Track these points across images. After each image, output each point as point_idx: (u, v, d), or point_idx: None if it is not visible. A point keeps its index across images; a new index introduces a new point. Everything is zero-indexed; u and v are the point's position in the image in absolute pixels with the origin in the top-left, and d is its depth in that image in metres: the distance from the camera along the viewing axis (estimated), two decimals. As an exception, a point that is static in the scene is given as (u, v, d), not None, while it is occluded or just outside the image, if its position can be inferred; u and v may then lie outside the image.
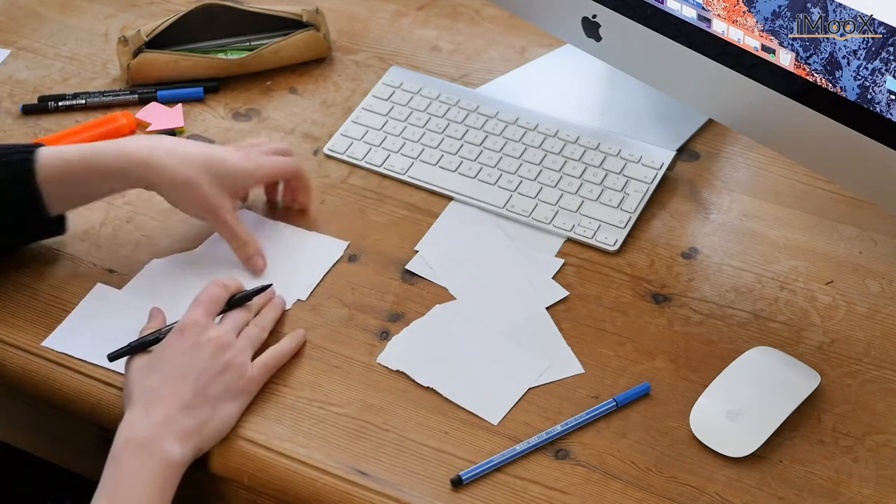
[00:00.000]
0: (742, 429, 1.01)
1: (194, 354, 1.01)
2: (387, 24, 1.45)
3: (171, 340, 1.03)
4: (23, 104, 1.33)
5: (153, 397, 0.99)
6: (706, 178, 1.25)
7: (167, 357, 1.01)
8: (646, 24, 1.18)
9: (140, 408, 0.98)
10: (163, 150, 1.10)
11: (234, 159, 1.14)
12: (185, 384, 0.99)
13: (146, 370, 1.01)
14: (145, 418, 0.98)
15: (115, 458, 0.96)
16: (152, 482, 0.95)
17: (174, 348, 1.02)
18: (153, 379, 1.00)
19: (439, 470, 0.99)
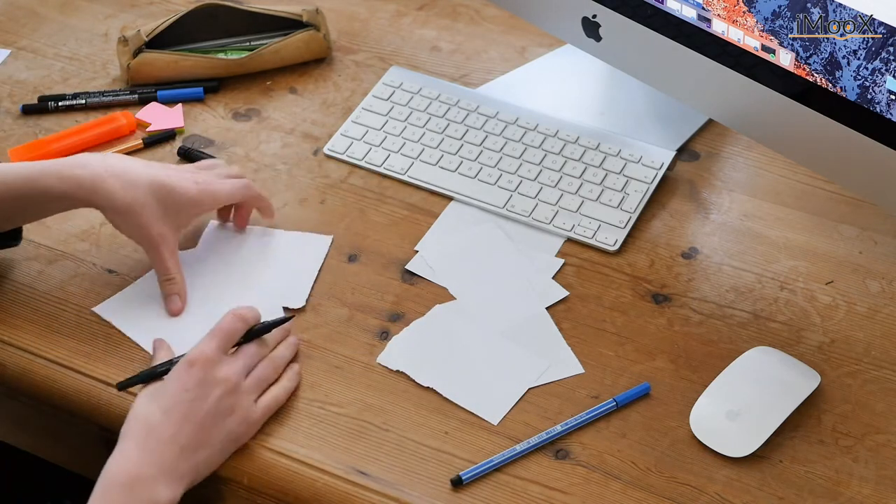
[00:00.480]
0: (742, 429, 1.01)
1: (200, 392, 0.97)
2: (387, 24, 1.45)
3: (178, 372, 0.99)
4: (23, 104, 1.33)
5: (151, 434, 0.95)
6: (706, 178, 1.25)
7: (171, 391, 0.98)
8: (646, 24, 1.18)
9: (135, 443, 0.95)
10: (109, 173, 1.07)
11: (183, 186, 1.10)
12: (187, 425, 0.96)
13: (148, 399, 0.98)
14: (139, 455, 0.94)
15: (104, 491, 0.93)
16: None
17: (181, 383, 0.98)
18: (154, 412, 0.96)
19: (439, 470, 0.99)
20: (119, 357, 1.08)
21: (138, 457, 0.94)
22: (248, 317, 1.03)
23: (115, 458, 0.95)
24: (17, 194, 1.07)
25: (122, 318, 1.10)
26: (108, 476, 0.94)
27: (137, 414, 0.97)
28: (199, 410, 0.97)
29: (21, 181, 1.07)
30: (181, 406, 0.97)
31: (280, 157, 1.28)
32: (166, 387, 0.98)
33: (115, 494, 0.93)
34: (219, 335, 1.01)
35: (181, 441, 0.96)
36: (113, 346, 1.09)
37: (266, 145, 1.30)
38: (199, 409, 0.97)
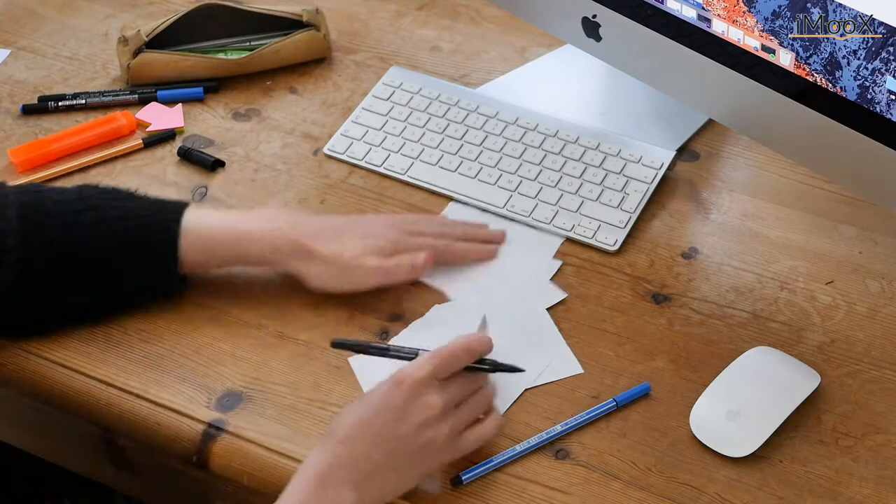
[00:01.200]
0: (742, 429, 1.01)
1: (402, 414, 0.94)
2: (387, 24, 1.45)
3: (386, 386, 0.95)
4: (23, 104, 1.33)
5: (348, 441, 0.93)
6: (706, 178, 1.25)
7: (374, 403, 0.95)
8: (646, 24, 1.18)
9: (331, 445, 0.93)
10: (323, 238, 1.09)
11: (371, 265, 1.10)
12: (382, 443, 0.93)
13: (357, 404, 0.96)
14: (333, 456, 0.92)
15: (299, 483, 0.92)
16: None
17: (385, 399, 0.94)
18: (354, 419, 0.94)
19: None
20: (119, 357, 1.08)
21: (332, 463, 0.92)
22: (476, 350, 0.99)
23: (313, 458, 0.93)
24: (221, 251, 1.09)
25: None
26: (303, 474, 0.93)
27: (341, 420, 0.95)
28: (395, 432, 0.94)
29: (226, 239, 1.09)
30: (378, 422, 0.94)
31: (280, 157, 1.28)
32: (372, 399, 0.95)
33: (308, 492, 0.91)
34: (438, 360, 0.96)
35: (375, 458, 0.93)
36: (113, 346, 1.09)
37: (266, 145, 1.30)
38: (397, 431, 0.94)
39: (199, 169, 1.26)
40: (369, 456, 0.93)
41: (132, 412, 1.05)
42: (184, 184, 1.25)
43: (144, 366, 1.07)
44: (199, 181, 1.25)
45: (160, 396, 1.05)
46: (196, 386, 1.06)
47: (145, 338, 1.10)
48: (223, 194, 1.24)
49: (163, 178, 1.26)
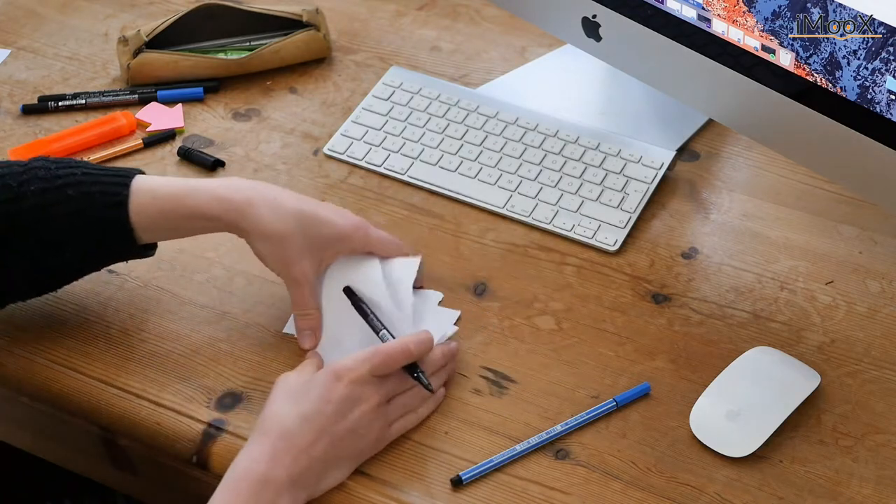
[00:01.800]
0: (742, 429, 1.01)
1: (342, 408, 0.95)
2: (387, 24, 1.45)
3: (323, 381, 0.96)
4: (23, 104, 1.33)
5: (286, 438, 0.93)
6: (706, 178, 1.25)
7: (313, 398, 0.95)
8: (646, 24, 1.18)
9: (270, 445, 0.93)
10: (260, 197, 1.04)
11: (337, 222, 1.07)
12: (324, 438, 0.95)
13: (288, 400, 0.96)
14: (273, 457, 0.93)
15: (235, 484, 0.92)
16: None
17: (325, 393, 0.95)
18: (293, 416, 0.95)
19: (439, 470, 0.99)
20: (119, 357, 1.08)
21: (271, 458, 0.93)
22: (412, 353, 1.00)
23: (249, 453, 0.94)
24: (166, 209, 1.04)
25: None
26: (239, 470, 0.93)
27: (276, 413, 0.95)
28: (336, 427, 0.95)
29: (171, 197, 1.04)
30: (320, 418, 0.95)
31: (280, 157, 1.28)
32: (309, 392, 0.96)
33: (244, 491, 0.91)
34: (377, 359, 0.98)
35: (314, 454, 0.94)
36: (113, 346, 1.09)
37: (266, 145, 1.30)
38: (338, 425, 0.95)
39: (199, 169, 1.26)
40: (308, 451, 0.94)
41: (132, 412, 1.05)
42: (184, 184, 1.25)
43: (144, 366, 1.07)
44: (199, 181, 1.25)
45: (160, 396, 1.05)
46: (196, 386, 1.06)
47: (145, 338, 1.10)
48: (223, 194, 1.23)
49: (163, 178, 1.26)
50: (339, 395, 0.96)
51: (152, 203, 1.04)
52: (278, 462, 0.93)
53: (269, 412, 0.96)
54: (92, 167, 1.06)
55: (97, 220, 1.03)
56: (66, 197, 1.03)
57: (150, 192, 1.04)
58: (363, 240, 1.08)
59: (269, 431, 0.94)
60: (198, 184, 1.06)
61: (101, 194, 1.03)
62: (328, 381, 0.96)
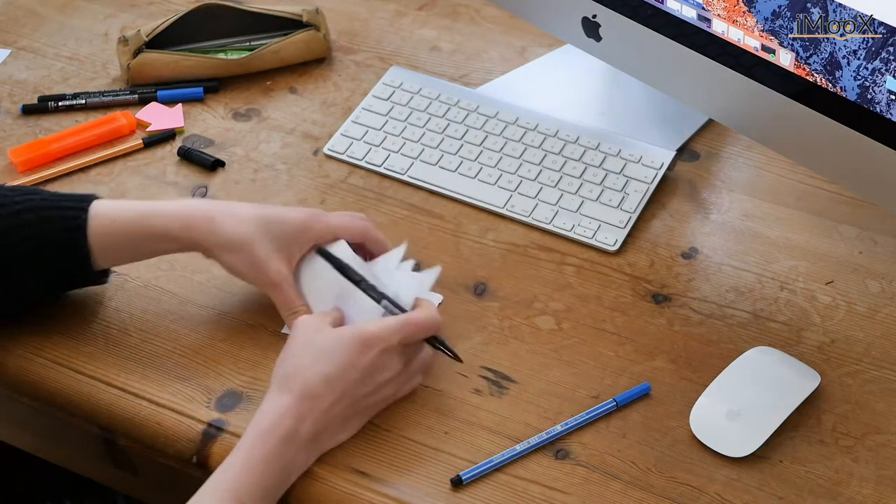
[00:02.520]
0: (742, 429, 1.01)
1: (367, 376, 0.98)
2: (387, 24, 1.45)
3: (351, 346, 0.98)
4: (23, 104, 1.33)
5: (310, 398, 0.96)
6: (706, 178, 1.25)
7: (339, 362, 0.97)
8: (646, 24, 1.18)
9: (295, 401, 0.96)
10: (218, 211, 1.06)
11: (293, 216, 1.08)
12: (344, 401, 0.97)
13: (314, 358, 0.97)
14: (298, 414, 0.95)
15: (263, 436, 0.94)
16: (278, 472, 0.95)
17: (351, 358, 0.97)
18: (318, 377, 0.96)
19: (439, 470, 0.99)
20: (119, 357, 1.08)
21: (297, 417, 0.95)
22: (440, 324, 1.02)
23: (275, 408, 0.96)
24: (127, 231, 1.05)
25: None
26: (265, 424, 0.95)
27: (300, 370, 0.97)
28: (359, 392, 0.98)
29: (131, 219, 1.05)
30: (345, 383, 0.97)
31: (280, 157, 1.28)
32: (334, 355, 0.97)
33: (270, 445, 0.94)
34: (407, 330, 1.00)
35: (334, 414, 0.97)
36: (113, 346, 1.09)
37: (266, 145, 1.30)
38: (360, 391, 0.98)
39: (199, 169, 1.26)
40: (329, 412, 0.97)
41: (132, 412, 1.05)
42: (184, 184, 1.25)
43: (144, 366, 1.07)
44: (199, 181, 1.25)
45: (160, 396, 1.05)
46: (196, 386, 1.06)
47: (145, 338, 1.10)
48: (223, 194, 1.24)
49: (163, 178, 1.26)
50: (366, 363, 0.98)
51: (111, 225, 1.05)
52: (303, 421, 0.95)
53: (292, 367, 0.98)
54: (50, 194, 1.07)
55: (55, 244, 1.04)
56: (24, 222, 1.04)
57: (108, 216, 1.05)
58: (323, 225, 1.09)
59: (294, 389, 0.96)
60: (157, 205, 1.07)
61: (60, 219, 1.04)
62: (356, 347, 0.98)
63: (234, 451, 0.95)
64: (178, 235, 1.05)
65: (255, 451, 0.94)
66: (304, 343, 0.99)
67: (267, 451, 0.94)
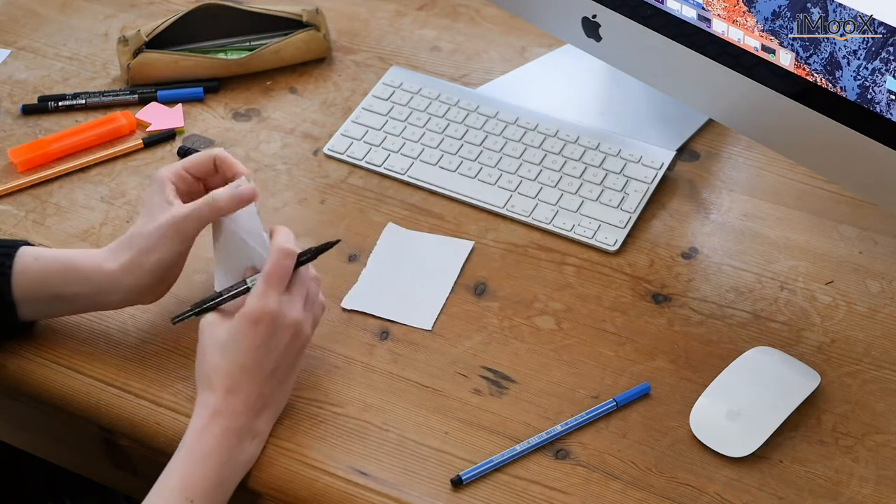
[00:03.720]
0: (742, 429, 1.01)
1: (273, 344, 0.98)
2: (387, 24, 1.45)
3: (245, 330, 0.98)
4: (23, 104, 1.33)
5: (235, 394, 0.97)
6: (706, 178, 1.25)
7: (244, 349, 0.98)
8: (646, 24, 1.18)
9: (222, 398, 0.97)
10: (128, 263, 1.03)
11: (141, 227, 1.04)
12: (268, 378, 0.98)
13: (221, 355, 0.98)
14: (229, 409, 0.96)
15: (198, 435, 0.95)
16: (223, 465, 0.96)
17: (251, 340, 0.98)
18: (232, 369, 0.97)
19: (439, 470, 0.99)
20: (119, 357, 1.08)
21: (229, 410, 0.96)
22: (292, 250, 1.01)
23: (204, 407, 0.97)
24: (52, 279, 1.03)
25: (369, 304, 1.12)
26: (201, 422, 0.96)
27: (215, 368, 0.98)
28: (273, 364, 0.99)
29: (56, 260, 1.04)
30: (256, 364, 0.98)
31: (280, 157, 1.28)
32: (236, 342, 0.98)
33: (211, 439, 0.95)
34: (274, 281, 0.99)
35: (264, 391, 0.98)
36: (113, 347, 1.09)
37: (266, 145, 1.30)
38: (274, 362, 0.99)
39: (199, 169, 1.26)
40: (259, 393, 0.98)
41: (132, 412, 1.05)
42: (184, 184, 1.25)
43: (144, 366, 1.07)
44: (199, 181, 1.25)
45: (160, 396, 1.05)
46: (196, 386, 1.06)
47: (145, 338, 1.10)
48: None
49: (163, 178, 1.26)
50: (264, 336, 0.98)
51: (35, 265, 1.03)
52: (235, 414, 0.97)
53: (207, 366, 0.98)
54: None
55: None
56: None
57: (33, 257, 1.03)
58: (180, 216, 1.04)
59: (216, 386, 0.97)
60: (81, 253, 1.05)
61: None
62: (248, 328, 0.98)
63: (175, 453, 0.96)
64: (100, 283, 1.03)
65: (196, 448, 0.95)
66: (210, 340, 0.99)
67: (208, 447, 0.95)
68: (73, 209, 1.21)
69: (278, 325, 0.99)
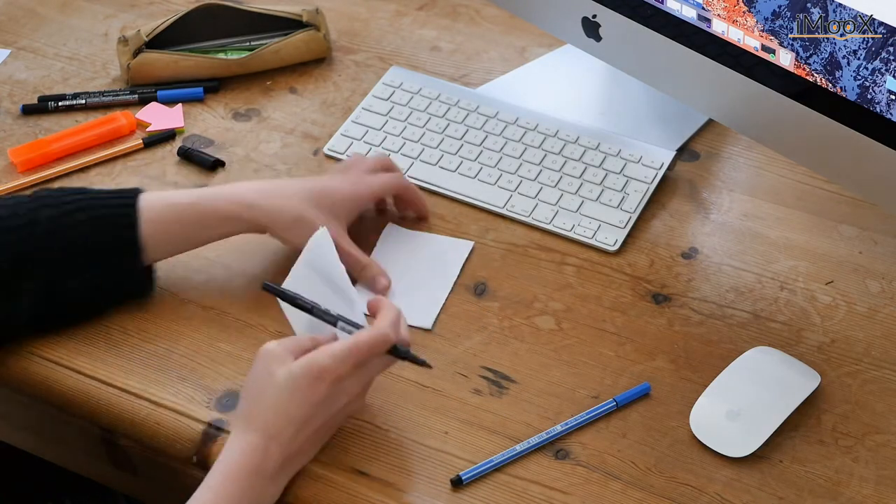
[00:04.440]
0: (742, 429, 1.01)
1: (326, 406, 0.97)
2: (387, 24, 1.45)
3: (304, 383, 0.95)
4: (23, 104, 1.33)
5: (275, 440, 0.95)
6: (706, 178, 1.25)
7: (299, 403, 0.96)
8: (646, 24, 1.18)
9: (261, 443, 0.95)
10: (268, 192, 1.10)
11: (339, 186, 1.14)
12: (306, 431, 0.96)
13: (274, 397, 0.96)
14: (263, 454, 0.95)
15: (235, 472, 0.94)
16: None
17: (310, 396, 0.96)
18: (279, 416, 0.95)
19: (439, 470, 0.99)
20: (119, 357, 1.08)
21: (263, 454, 0.95)
22: (392, 340, 0.98)
23: (241, 446, 0.95)
24: (182, 217, 1.08)
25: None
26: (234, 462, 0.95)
27: (263, 410, 0.96)
28: (319, 421, 0.97)
29: (185, 205, 1.08)
30: (303, 415, 0.96)
31: (280, 157, 1.28)
32: (290, 391, 0.95)
33: (242, 480, 0.94)
34: (356, 355, 0.97)
35: (299, 444, 0.97)
36: (113, 346, 1.09)
37: (266, 145, 1.30)
38: (320, 419, 0.97)
39: (199, 169, 1.26)
40: (296, 445, 0.96)
41: (132, 412, 1.05)
42: (184, 184, 1.25)
43: (144, 366, 1.07)
44: (199, 181, 1.25)
45: (160, 396, 1.05)
46: (196, 386, 1.06)
47: (145, 338, 1.10)
48: (223, 194, 1.23)
49: (163, 178, 1.26)
50: (320, 397, 0.96)
51: (166, 212, 1.08)
52: (269, 458, 0.95)
53: (254, 405, 0.97)
54: (95, 191, 1.09)
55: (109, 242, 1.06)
56: (77, 221, 1.06)
57: (160, 204, 1.08)
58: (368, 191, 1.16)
59: (259, 428, 0.95)
60: (204, 191, 1.12)
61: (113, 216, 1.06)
62: (309, 382, 0.96)
63: (201, 489, 0.94)
64: (234, 216, 1.09)
65: (225, 489, 0.94)
66: (264, 377, 0.97)
67: (237, 488, 0.94)
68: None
69: (339, 392, 0.97)
